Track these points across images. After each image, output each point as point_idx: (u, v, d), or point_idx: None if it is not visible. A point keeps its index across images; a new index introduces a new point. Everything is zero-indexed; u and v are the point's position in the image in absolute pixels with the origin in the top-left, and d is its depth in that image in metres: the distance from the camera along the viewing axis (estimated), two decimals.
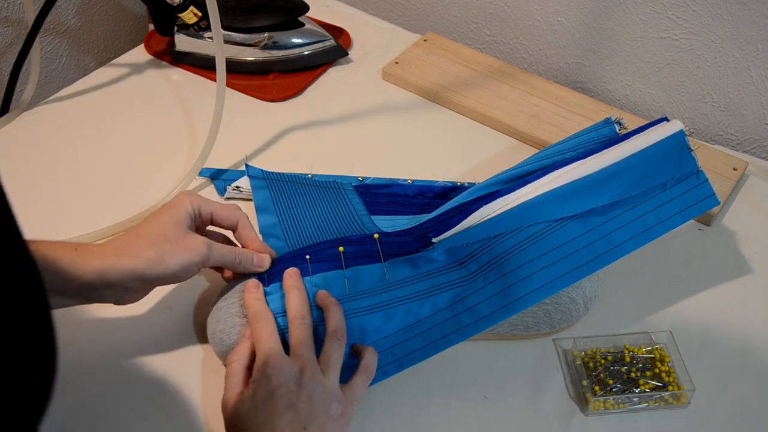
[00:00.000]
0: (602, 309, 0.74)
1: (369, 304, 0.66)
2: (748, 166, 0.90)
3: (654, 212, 0.68)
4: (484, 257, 0.66)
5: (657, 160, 0.69)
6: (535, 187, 0.68)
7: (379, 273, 0.68)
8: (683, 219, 0.69)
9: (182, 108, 0.96)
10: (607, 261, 0.66)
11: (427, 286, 0.67)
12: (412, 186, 0.83)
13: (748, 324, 0.74)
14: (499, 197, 0.68)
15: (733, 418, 0.66)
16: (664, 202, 0.68)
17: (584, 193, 0.67)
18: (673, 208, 0.69)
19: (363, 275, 0.67)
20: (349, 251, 0.68)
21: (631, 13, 0.98)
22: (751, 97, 0.95)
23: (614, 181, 0.67)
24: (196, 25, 0.95)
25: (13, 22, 1.03)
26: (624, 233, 0.67)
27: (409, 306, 0.66)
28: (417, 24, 1.20)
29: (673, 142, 0.69)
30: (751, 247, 0.82)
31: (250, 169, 0.84)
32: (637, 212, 0.68)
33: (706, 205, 0.70)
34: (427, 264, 0.67)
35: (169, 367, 0.67)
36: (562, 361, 0.70)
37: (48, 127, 0.91)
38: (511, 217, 0.66)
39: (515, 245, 0.65)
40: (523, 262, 0.64)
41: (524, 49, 1.12)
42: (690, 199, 0.69)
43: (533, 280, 0.64)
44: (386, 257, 0.68)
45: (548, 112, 0.95)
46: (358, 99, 0.99)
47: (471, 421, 0.65)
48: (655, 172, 0.69)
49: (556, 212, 0.66)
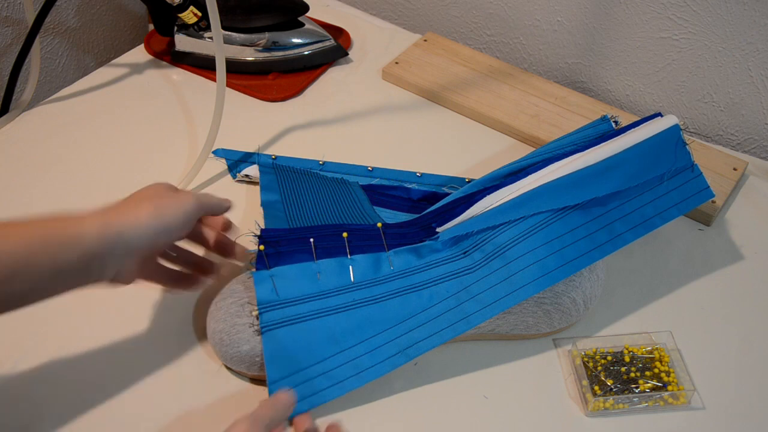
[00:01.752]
0: (602, 309, 0.74)
1: (373, 294, 0.66)
2: (748, 166, 0.90)
3: (652, 204, 0.69)
4: (489, 246, 0.67)
5: (654, 153, 0.70)
6: (537, 178, 0.69)
7: (383, 262, 0.68)
8: (679, 211, 0.70)
9: (182, 108, 0.96)
10: (608, 250, 0.67)
11: (431, 275, 0.67)
12: (416, 191, 0.83)
13: (748, 324, 0.74)
14: (502, 188, 0.69)
15: (733, 418, 0.66)
16: (662, 195, 0.70)
17: (585, 183, 0.68)
18: (670, 201, 0.70)
19: (367, 263, 0.67)
20: (352, 239, 0.68)
21: (631, 13, 0.98)
22: (751, 97, 0.95)
23: (614, 172, 0.68)
24: (196, 25, 0.95)
25: (13, 22, 1.03)
26: (624, 224, 0.68)
27: (414, 295, 0.66)
28: (417, 24, 1.20)
29: (669, 136, 0.71)
30: (751, 247, 0.82)
31: (260, 157, 0.86)
32: (636, 203, 0.69)
33: (701, 198, 0.71)
34: (432, 254, 0.68)
35: (168, 367, 0.67)
36: (561, 361, 0.70)
37: (48, 127, 0.91)
38: (514, 207, 0.67)
39: (519, 234, 0.66)
40: (528, 251, 0.66)
41: (524, 49, 1.12)
42: (686, 191, 0.71)
43: (537, 268, 0.65)
44: (390, 247, 0.68)
45: (548, 112, 0.95)
46: (358, 99, 0.99)
47: (471, 421, 0.65)
48: (653, 164, 0.70)
49: (559, 202, 0.67)
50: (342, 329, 0.65)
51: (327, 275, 0.66)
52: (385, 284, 0.67)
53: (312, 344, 0.64)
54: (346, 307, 0.65)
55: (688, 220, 0.84)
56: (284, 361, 0.63)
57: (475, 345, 0.70)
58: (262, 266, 0.65)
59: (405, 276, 0.67)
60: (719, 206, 0.84)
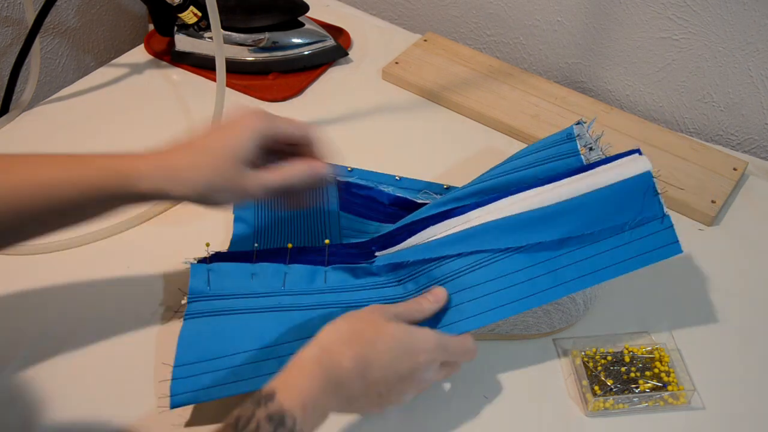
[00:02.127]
0: (602, 309, 0.74)
1: (301, 303, 0.67)
2: (748, 166, 0.90)
3: (609, 253, 0.64)
4: (422, 279, 0.66)
5: (617, 200, 0.65)
6: (486, 212, 0.66)
7: (319, 275, 0.69)
8: (640, 264, 0.64)
9: (182, 108, 0.96)
10: (550, 297, 0.63)
11: (362, 296, 0.68)
12: (389, 195, 0.82)
13: (747, 324, 0.74)
14: (449, 218, 0.67)
15: (733, 418, 0.66)
16: (621, 244, 0.64)
17: (535, 225, 0.65)
18: (630, 252, 0.64)
19: (303, 273, 0.69)
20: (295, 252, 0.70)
21: (631, 13, 0.98)
22: (751, 97, 0.95)
23: (569, 217, 0.64)
24: (196, 25, 0.95)
25: (13, 22, 1.03)
26: (573, 270, 0.64)
27: (339, 311, 0.65)
28: (417, 24, 1.20)
29: (637, 183, 0.65)
30: (751, 247, 0.82)
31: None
32: (589, 251, 0.64)
33: (666, 252, 0.64)
34: (367, 276, 0.69)
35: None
36: (561, 361, 0.70)
37: (48, 127, 0.91)
38: (455, 241, 0.66)
39: (455, 271, 0.65)
40: (460, 289, 0.64)
41: (524, 49, 1.12)
42: (650, 244, 0.64)
43: (466, 308, 0.63)
44: (330, 263, 0.69)
45: (548, 112, 0.95)
46: (358, 99, 0.99)
47: (471, 421, 0.65)
48: (614, 212, 0.65)
49: (503, 241, 0.64)
50: (263, 329, 0.65)
51: (261, 277, 0.67)
52: (315, 296, 0.67)
53: (229, 338, 0.64)
54: (271, 309, 0.66)
55: (688, 220, 0.84)
56: (197, 347, 0.64)
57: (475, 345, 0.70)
58: (203, 261, 0.68)
59: (336, 292, 0.68)
60: (719, 206, 0.84)
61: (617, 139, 0.91)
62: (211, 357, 0.63)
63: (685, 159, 0.89)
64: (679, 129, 1.03)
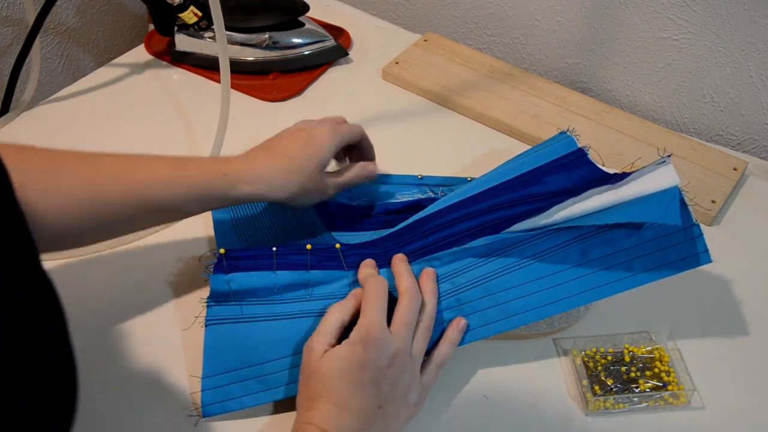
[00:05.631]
0: (602, 309, 0.74)
1: (325, 308, 0.65)
2: (748, 166, 0.90)
3: (639, 259, 0.65)
4: (446, 285, 0.67)
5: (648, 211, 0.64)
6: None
7: (343, 279, 0.68)
8: (669, 272, 0.65)
9: (182, 108, 0.96)
10: (577, 302, 0.65)
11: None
12: (375, 206, 0.81)
13: (748, 324, 0.74)
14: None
15: (733, 418, 0.66)
16: (649, 252, 0.65)
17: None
18: (657, 260, 0.65)
19: (324, 279, 0.67)
20: (314, 256, 0.68)
21: (631, 13, 0.98)
22: (751, 97, 0.95)
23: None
24: (196, 25, 0.95)
25: (13, 22, 1.03)
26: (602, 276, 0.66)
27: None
28: (417, 24, 1.20)
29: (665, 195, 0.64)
30: (751, 247, 0.82)
31: None
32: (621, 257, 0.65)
33: (696, 261, 0.65)
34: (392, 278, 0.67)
35: (167, 366, 0.68)
36: (561, 360, 0.70)
37: (48, 127, 0.91)
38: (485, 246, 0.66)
39: (479, 277, 0.66)
40: (483, 295, 0.66)
41: (524, 49, 1.12)
42: (680, 252, 0.65)
43: (489, 314, 0.66)
44: (349, 268, 0.68)
45: (548, 112, 0.95)
46: (358, 99, 0.99)
47: (471, 421, 0.65)
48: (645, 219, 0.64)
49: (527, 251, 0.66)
50: (289, 336, 0.64)
51: (283, 285, 0.66)
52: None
53: (255, 347, 0.64)
54: (297, 315, 0.65)
55: None
56: (224, 356, 0.64)
57: (475, 345, 0.70)
58: (220, 271, 0.65)
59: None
60: (719, 206, 0.84)
61: (617, 139, 0.91)
62: (240, 366, 0.63)
63: (685, 159, 0.89)
64: (679, 129, 1.03)
